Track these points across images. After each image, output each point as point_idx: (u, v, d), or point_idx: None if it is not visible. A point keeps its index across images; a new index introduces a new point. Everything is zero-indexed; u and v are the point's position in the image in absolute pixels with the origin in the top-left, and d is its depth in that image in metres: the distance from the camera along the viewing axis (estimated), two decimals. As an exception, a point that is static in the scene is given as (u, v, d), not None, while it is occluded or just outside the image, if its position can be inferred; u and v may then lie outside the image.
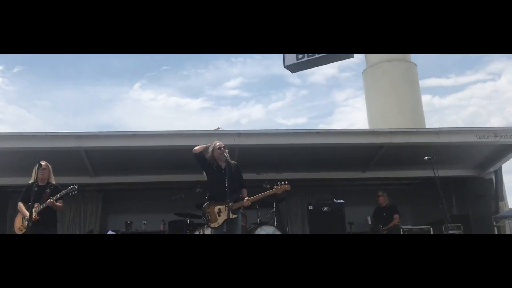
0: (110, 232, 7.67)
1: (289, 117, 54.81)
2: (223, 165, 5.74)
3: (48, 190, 5.82)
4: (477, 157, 8.63)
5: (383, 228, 7.74)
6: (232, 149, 6.07)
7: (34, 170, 5.77)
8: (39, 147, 7.07)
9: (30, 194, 5.64)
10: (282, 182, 5.96)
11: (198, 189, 7.52)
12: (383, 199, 8.06)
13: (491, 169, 8.77)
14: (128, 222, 8.02)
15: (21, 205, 5.93)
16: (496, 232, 8.39)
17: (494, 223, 8.43)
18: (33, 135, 7.39)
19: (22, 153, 7.25)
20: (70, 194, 5.85)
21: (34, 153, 6.35)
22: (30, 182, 5.86)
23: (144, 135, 7.54)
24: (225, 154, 5.73)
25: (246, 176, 6.45)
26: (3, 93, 46.31)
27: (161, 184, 8.93)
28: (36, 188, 5.62)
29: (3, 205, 9.04)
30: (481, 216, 8.83)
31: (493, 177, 8.77)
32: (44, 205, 5.69)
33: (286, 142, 7.67)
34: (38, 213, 5.67)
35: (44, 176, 5.92)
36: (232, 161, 5.88)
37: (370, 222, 8.06)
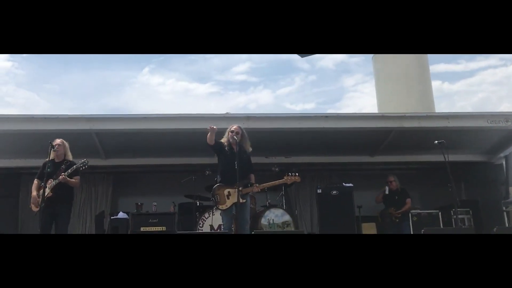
0: (121, 214, 7.76)
1: (297, 102, 54.72)
2: (235, 148, 5.79)
3: (63, 166, 5.91)
4: (487, 142, 8.58)
5: (397, 212, 7.76)
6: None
7: (49, 149, 5.87)
8: (51, 129, 7.12)
9: (45, 171, 5.74)
10: (293, 174, 6.03)
11: (207, 172, 7.59)
12: (394, 184, 8.08)
13: (502, 154, 8.73)
14: (139, 203, 8.10)
15: (34, 183, 6.04)
16: (506, 217, 8.38)
17: (504, 208, 8.41)
18: (44, 118, 7.44)
19: (33, 135, 7.34)
20: (81, 168, 5.93)
21: (45, 136, 6.42)
22: (45, 160, 5.95)
23: (155, 118, 7.59)
24: (234, 137, 5.79)
25: (255, 159, 6.50)
26: (13, 76, 46.63)
27: (171, 166, 9.01)
28: (49, 165, 5.72)
29: (15, 187, 9.18)
30: (490, 202, 8.82)
31: (504, 162, 8.73)
32: (57, 180, 5.77)
33: (295, 126, 7.68)
34: (52, 189, 5.75)
35: (59, 153, 6.02)
36: (249, 148, 5.96)
37: (387, 192, 8.02)
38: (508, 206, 8.38)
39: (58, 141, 6.05)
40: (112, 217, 7.72)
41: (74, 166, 5.89)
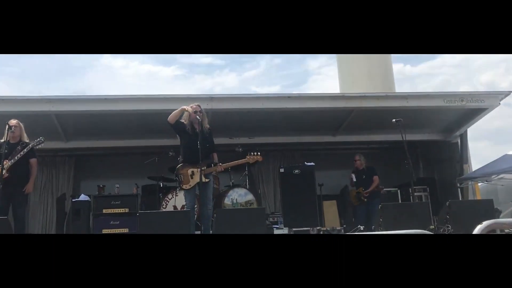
0: (82, 196, 7.68)
1: (263, 85, 54.81)
2: (197, 128, 5.81)
3: (19, 147, 5.82)
4: (444, 122, 8.87)
5: (365, 191, 7.93)
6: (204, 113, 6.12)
7: (5, 131, 5.76)
8: (10, 110, 6.94)
9: (0, 153, 5.64)
10: (255, 153, 6.09)
11: (170, 153, 7.58)
12: (360, 163, 8.21)
13: (457, 133, 9.03)
14: (101, 186, 8.05)
15: None
16: (460, 193, 8.71)
17: (458, 185, 8.75)
18: (2, 99, 7.24)
19: (-8, 117, 7.15)
20: (37, 146, 5.86)
21: (4, 117, 6.26)
22: (1, 141, 5.84)
23: (116, 99, 7.47)
24: (197, 117, 5.80)
25: (219, 140, 6.55)
26: (-32, 59, 44.80)
27: (133, 148, 8.94)
28: (6, 146, 5.62)
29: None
30: (446, 179, 9.16)
31: (459, 141, 9.04)
32: (13, 160, 5.68)
33: (258, 107, 7.72)
34: (8, 170, 5.65)
35: (15, 134, 5.92)
36: (207, 125, 5.97)
37: (354, 179, 8.17)
38: (462, 182, 8.72)
39: (14, 122, 5.93)
40: (73, 200, 7.64)
41: (30, 145, 5.81)
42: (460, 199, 8.49)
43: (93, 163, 9.62)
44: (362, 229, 6.56)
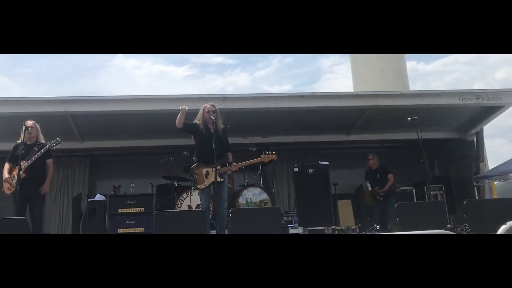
0: (98, 196, 7.74)
1: (275, 84, 54.77)
2: (211, 127, 5.82)
3: (35, 148, 5.87)
4: (459, 120, 8.79)
5: (381, 190, 7.88)
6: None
7: (22, 131, 5.82)
8: (26, 111, 7.02)
9: (17, 154, 5.70)
10: (269, 152, 6.08)
11: (185, 153, 7.62)
12: (373, 162, 8.16)
13: (473, 131, 8.95)
14: (116, 185, 8.09)
15: (5, 166, 5.97)
16: (476, 192, 8.62)
17: (474, 183, 8.66)
18: (18, 100, 7.33)
19: (8, 119, 7.23)
20: (54, 147, 5.90)
21: (20, 118, 6.34)
22: (18, 142, 5.90)
23: (130, 100, 7.54)
24: (211, 117, 5.81)
25: (233, 140, 6.54)
26: (-16, 61, 45.36)
27: (148, 148, 8.99)
28: (22, 147, 5.67)
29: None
30: (462, 177, 9.07)
31: (475, 139, 8.96)
32: (30, 160, 5.74)
33: (271, 106, 7.72)
34: (25, 171, 5.70)
35: (32, 135, 5.97)
36: (221, 125, 5.97)
37: (369, 189, 8.13)
38: (478, 181, 8.62)
39: (30, 123, 5.99)
40: (89, 200, 7.70)
41: (47, 145, 5.86)
42: (477, 198, 8.41)
43: (108, 163, 9.70)
44: (378, 228, 6.52)
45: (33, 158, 5.77)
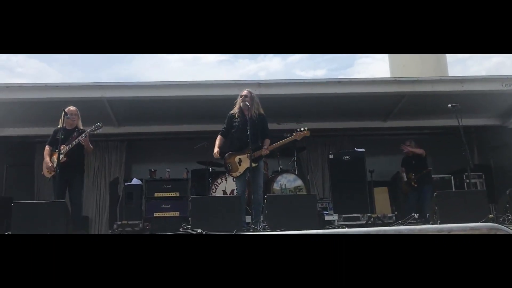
0: (134, 180, 7.86)
1: (308, 69, 54.27)
2: (247, 114, 5.80)
3: (75, 133, 5.98)
4: (501, 106, 8.48)
5: (415, 176, 7.77)
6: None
7: (62, 117, 5.94)
8: (63, 97, 7.15)
9: (57, 138, 5.83)
10: (302, 129, 6.01)
11: (206, 144, 7.61)
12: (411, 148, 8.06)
13: (516, 118, 8.65)
14: (152, 170, 8.20)
15: (46, 149, 6.12)
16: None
17: (517, 172, 8.38)
18: (57, 86, 7.47)
19: (46, 104, 7.37)
20: (95, 131, 5.99)
21: (58, 104, 6.46)
22: (58, 127, 6.01)
23: (166, 86, 7.58)
24: (246, 103, 5.79)
25: (267, 126, 6.50)
26: (24, 46, 46.42)
27: (183, 133, 9.07)
28: (62, 132, 5.78)
29: (29, 155, 9.32)
30: (503, 165, 8.80)
31: (517, 126, 8.66)
32: (71, 145, 5.86)
33: (307, 92, 7.64)
34: (66, 155, 5.81)
35: (73, 121, 6.11)
36: (255, 111, 5.94)
37: (405, 179, 8.04)
38: (521, 169, 8.34)
39: (72, 108, 6.12)
40: (126, 184, 7.82)
41: (88, 130, 5.95)
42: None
43: (145, 148, 9.83)
44: (416, 217, 6.40)
45: (73, 143, 5.88)
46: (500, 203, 5.77)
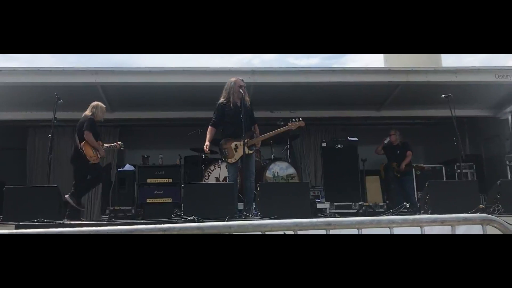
0: (127, 166, 7.87)
1: (302, 57, 53.93)
2: (238, 102, 5.81)
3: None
4: (494, 97, 8.53)
5: (399, 167, 7.83)
6: (246, 87, 6.09)
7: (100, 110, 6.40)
8: (57, 81, 7.12)
9: (97, 130, 6.32)
10: (297, 119, 6.03)
11: (200, 131, 7.61)
12: (394, 138, 8.05)
13: (508, 109, 8.68)
14: (145, 156, 8.20)
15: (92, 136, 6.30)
16: (509, 172, 8.42)
17: (507, 163, 8.44)
18: (50, 70, 7.40)
19: (39, 88, 7.33)
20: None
21: (51, 88, 6.43)
22: (96, 120, 6.39)
23: (160, 72, 7.56)
24: (241, 90, 5.81)
25: (260, 114, 6.54)
26: (15, 29, 45.95)
27: (177, 120, 9.06)
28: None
29: (22, 139, 9.27)
30: (493, 156, 8.87)
31: (509, 118, 8.70)
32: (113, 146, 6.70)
33: (301, 80, 7.63)
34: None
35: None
36: (247, 99, 5.96)
37: (386, 141, 8.00)
38: (511, 160, 8.41)
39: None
40: (119, 169, 7.83)
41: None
42: (509, 177, 8.21)
43: (138, 134, 9.80)
44: (407, 206, 6.46)
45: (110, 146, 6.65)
46: (491, 194, 5.82)
